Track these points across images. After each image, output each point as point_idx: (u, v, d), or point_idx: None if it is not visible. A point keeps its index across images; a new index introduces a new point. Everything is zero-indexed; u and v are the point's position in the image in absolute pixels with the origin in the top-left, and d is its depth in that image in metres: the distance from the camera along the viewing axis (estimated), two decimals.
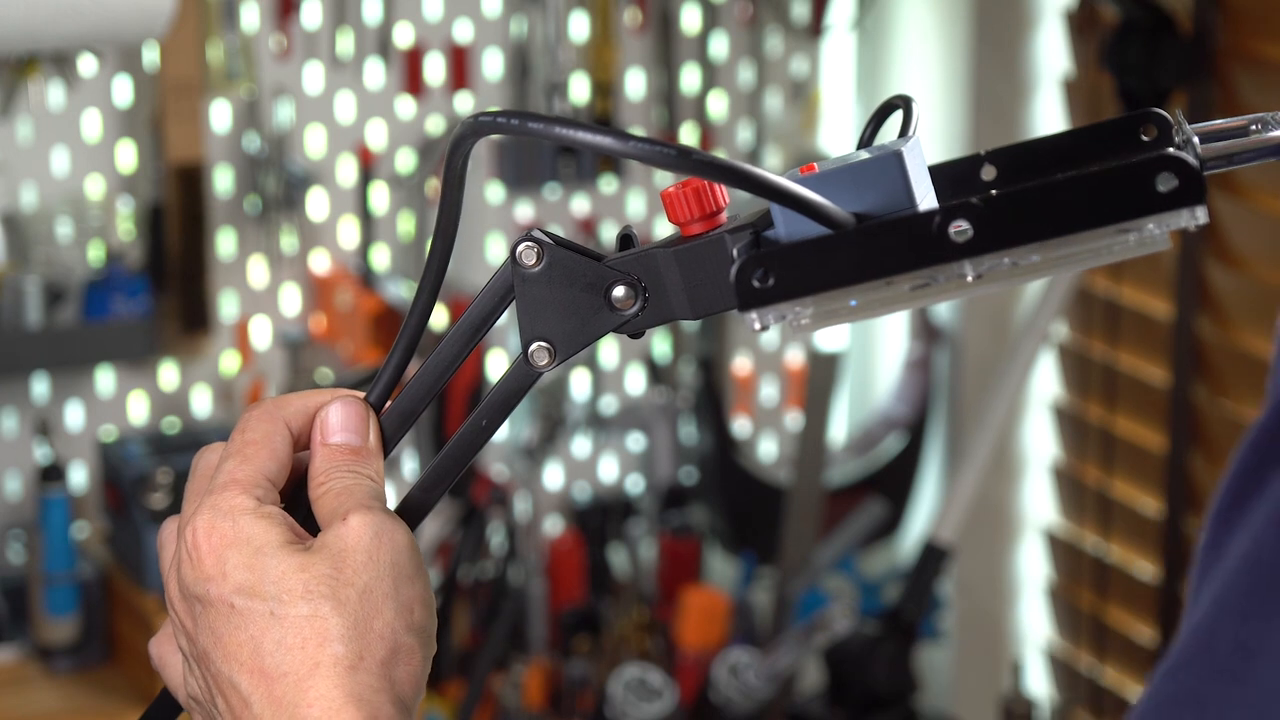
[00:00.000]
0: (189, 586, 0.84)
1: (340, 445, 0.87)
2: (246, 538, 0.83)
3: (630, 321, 0.84)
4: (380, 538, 0.84)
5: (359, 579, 0.83)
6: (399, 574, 0.84)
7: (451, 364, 0.88)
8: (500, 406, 0.87)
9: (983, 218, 0.77)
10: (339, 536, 0.84)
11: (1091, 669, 2.87)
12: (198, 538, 0.84)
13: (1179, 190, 0.75)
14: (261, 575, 0.83)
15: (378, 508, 0.85)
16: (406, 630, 0.83)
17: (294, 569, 0.83)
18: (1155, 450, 2.70)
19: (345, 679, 0.81)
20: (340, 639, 0.81)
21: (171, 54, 2.62)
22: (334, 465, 0.87)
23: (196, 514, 0.85)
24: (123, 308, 2.60)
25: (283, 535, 0.84)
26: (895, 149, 0.80)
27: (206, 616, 0.83)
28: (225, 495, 0.85)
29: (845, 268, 0.79)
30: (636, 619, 2.84)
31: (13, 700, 2.54)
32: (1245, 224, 2.53)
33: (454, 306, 2.65)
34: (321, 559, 0.83)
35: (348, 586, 0.82)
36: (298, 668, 0.81)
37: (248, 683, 0.82)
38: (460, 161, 0.82)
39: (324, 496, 0.86)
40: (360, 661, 0.81)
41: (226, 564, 0.83)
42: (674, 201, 0.83)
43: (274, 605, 0.82)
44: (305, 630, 0.82)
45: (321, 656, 0.81)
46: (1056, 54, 2.83)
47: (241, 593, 0.83)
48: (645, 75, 2.93)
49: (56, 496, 2.57)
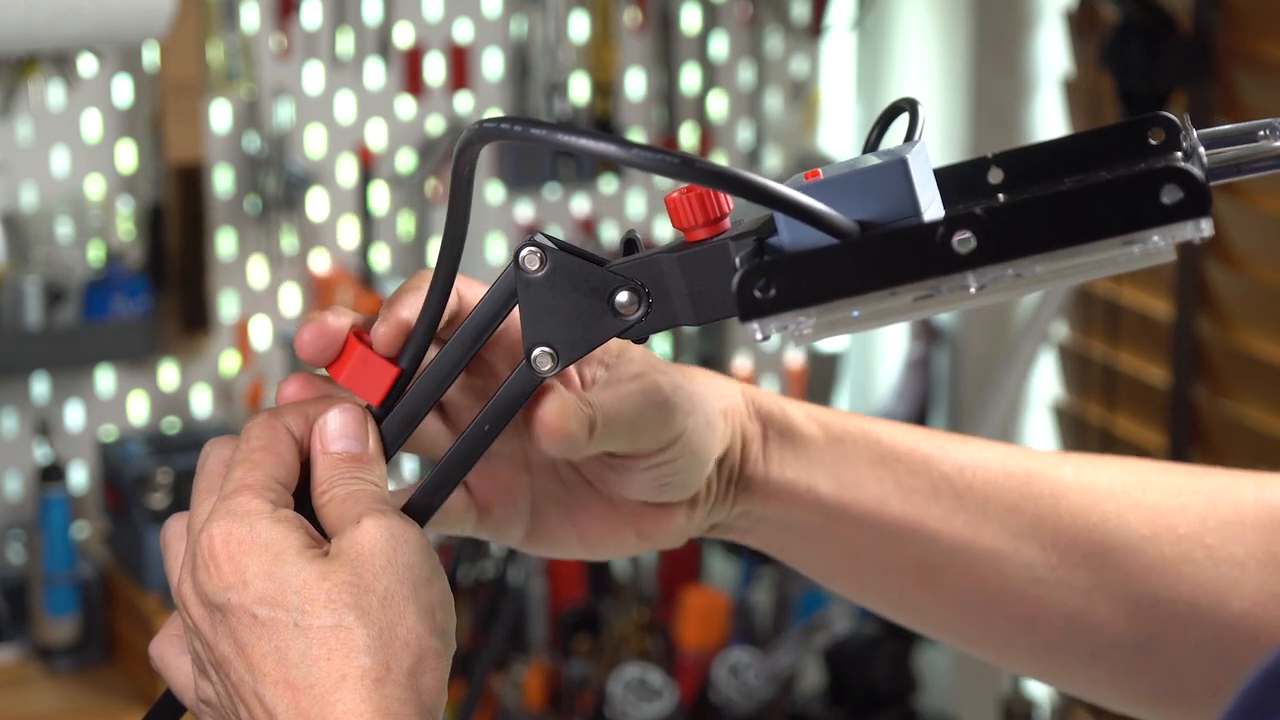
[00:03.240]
0: (208, 595, 0.83)
1: (341, 453, 0.87)
2: (265, 543, 0.83)
3: (633, 327, 0.84)
4: (395, 540, 0.83)
5: (379, 584, 0.82)
6: (417, 576, 0.83)
7: (454, 369, 0.87)
8: (503, 411, 0.87)
9: (986, 229, 0.76)
10: (354, 541, 0.83)
11: None
12: (215, 545, 0.83)
13: (1184, 202, 0.75)
14: (283, 584, 0.82)
15: (388, 511, 0.84)
16: (430, 634, 0.83)
17: (315, 577, 0.82)
18: (1155, 450, 2.70)
19: (372, 692, 0.80)
20: (366, 650, 0.81)
21: (171, 54, 2.62)
22: (336, 473, 0.86)
23: (212, 520, 0.84)
24: (123, 308, 2.60)
25: (300, 540, 0.83)
26: (900, 156, 0.79)
27: (227, 624, 0.83)
28: (239, 500, 0.84)
29: (847, 278, 0.78)
30: (636, 619, 2.84)
31: (13, 700, 2.54)
32: (1245, 224, 2.53)
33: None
34: (340, 565, 0.82)
35: (369, 593, 0.82)
36: (324, 680, 0.81)
37: (272, 694, 0.81)
38: (466, 169, 0.82)
39: (329, 504, 0.86)
40: (387, 673, 0.81)
41: (246, 571, 0.83)
42: (677, 207, 0.83)
43: (298, 616, 0.81)
44: (331, 642, 0.81)
45: (349, 669, 0.81)
46: (1056, 54, 2.83)
47: (264, 602, 0.82)
48: (645, 75, 2.92)
49: (56, 496, 2.57)
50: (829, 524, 0.98)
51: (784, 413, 0.98)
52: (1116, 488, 0.99)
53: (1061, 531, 0.98)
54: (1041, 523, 0.98)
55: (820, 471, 0.97)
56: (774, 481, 0.97)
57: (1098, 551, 0.98)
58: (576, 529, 0.96)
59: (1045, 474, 1.00)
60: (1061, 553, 0.98)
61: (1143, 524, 0.99)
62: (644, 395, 0.91)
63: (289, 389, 0.90)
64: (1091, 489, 0.99)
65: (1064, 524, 0.98)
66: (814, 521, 0.98)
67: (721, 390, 0.96)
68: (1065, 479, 0.99)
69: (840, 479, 0.98)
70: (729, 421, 0.95)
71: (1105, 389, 2.77)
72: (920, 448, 0.99)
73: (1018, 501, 0.99)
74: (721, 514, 0.98)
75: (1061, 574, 0.98)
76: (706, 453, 0.93)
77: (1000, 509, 0.98)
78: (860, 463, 0.98)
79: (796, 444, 0.97)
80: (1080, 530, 0.98)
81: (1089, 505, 0.99)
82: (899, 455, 0.98)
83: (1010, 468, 0.99)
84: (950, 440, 1.00)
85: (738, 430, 0.96)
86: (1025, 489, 0.99)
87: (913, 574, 0.99)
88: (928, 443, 1.00)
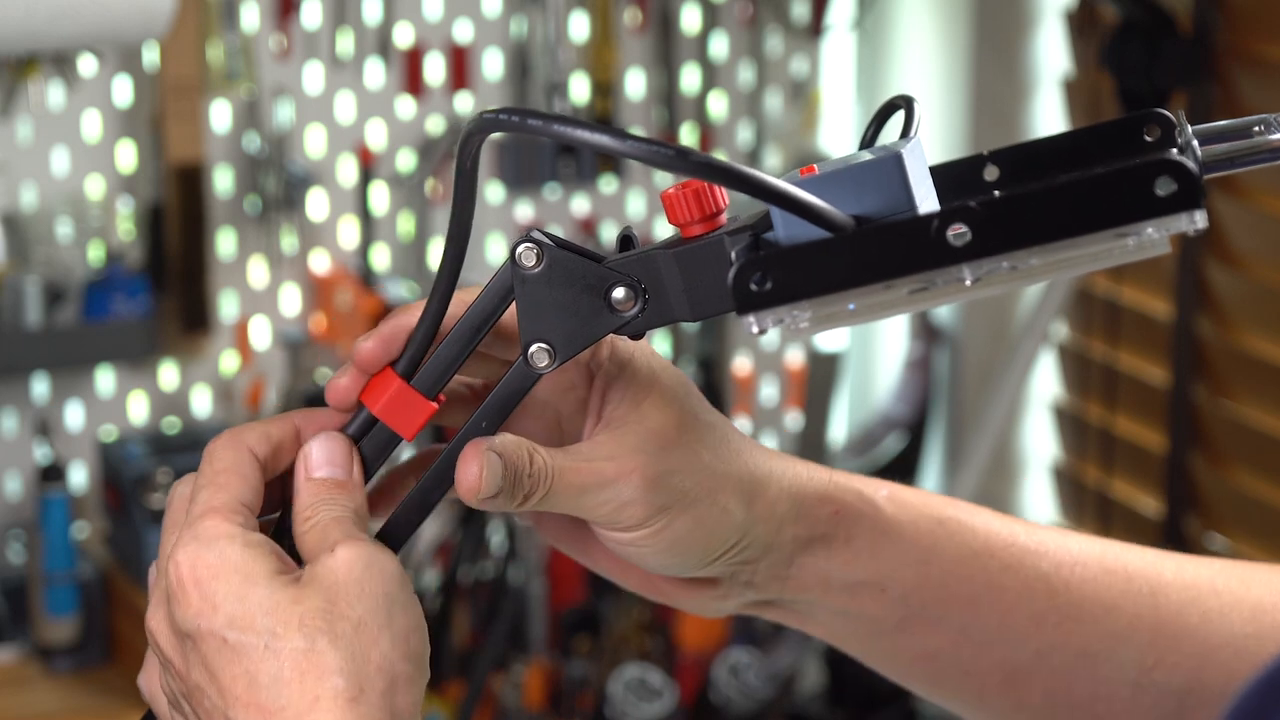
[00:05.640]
0: (178, 623, 0.82)
1: (324, 480, 0.86)
2: (234, 566, 0.82)
3: (630, 323, 0.84)
4: (370, 569, 0.82)
5: (353, 612, 0.81)
6: (392, 603, 0.82)
7: (450, 367, 0.87)
8: (500, 408, 0.87)
9: (981, 221, 0.77)
10: (329, 569, 0.82)
11: None
12: (181, 571, 0.82)
13: (1178, 195, 0.75)
14: (253, 607, 0.81)
15: (364, 539, 0.83)
16: (404, 659, 0.82)
17: (287, 601, 0.81)
18: (1155, 450, 2.70)
19: (346, 712, 0.79)
20: (339, 672, 0.80)
21: (171, 54, 2.62)
22: (319, 499, 0.85)
23: (178, 547, 0.83)
24: (123, 308, 2.60)
25: (271, 565, 0.82)
26: (895, 151, 0.80)
27: (198, 651, 0.81)
28: (206, 524, 0.83)
29: (843, 271, 0.78)
30: (636, 619, 2.84)
31: (13, 700, 2.54)
32: (1245, 224, 2.53)
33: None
34: (314, 592, 0.81)
35: (342, 620, 0.81)
36: (296, 701, 0.80)
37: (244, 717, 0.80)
38: (469, 161, 0.81)
39: (310, 531, 0.84)
40: (361, 694, 0.80)
41: (215, 596, 0.81)
42: (674, 203, 0.83)
43: (268, 639, 0.80)
44: (303, 664, 0.80)
45: (321, 690, 0.80)
46: (1056, 54, 2.83)
47: (234, 626, 0.81)
48: (645, 75, 2.93)
49: (56, 496, 2.57)
50: (905, 622, 0.93)
51: (865, 499, 0.92)
52: (1218, 584, 0.95)
53: (1161, 631, 0.94)
54: (1140, 622, 0.93)
55: (901, 566, 0.92)
56: (839, 576, 0.92)
57: (1199, 651, 0.93)
58: (590, 560, 0.94)
59: (1145, 571, 0.95)
60: (1159, 654, 0.93)
61: (1246, 622, 0.94)
62: (617, 474, 0.87)
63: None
64: (1193, 586, 0.94)
65: (1163, 623, 0.94)
66: (887, 618, 0.93)
67: (773, 479, 0.91)
68: (1165, 576, 0.95)
69: (925, 575, 0.93)
70: (765, 515, 0.90)
71: (1105, 389, 2.77)
72: (1018, 542, 0.94)
73: (1116, 600, 0.94)
74: (771, 593, 0.93)
75: (1158, 676, 0.93)
76: (698, 545, 0.89)
77: (1097, 609, 0.94)
78: (949, 558, 0.93)
79: (877, 535, 0.92)
80: (1180, 629, 0.94)
81: (1190, 603, 0.94)
82: (993, 550, 0.93)
83: (1109, 564, 0.94)
84: (1048, 534, 0.95)
85: (784, 522, 0.91)
86: (1125, 587, 0.94)
87: (995, 676, 0.94)
88: (1026, 536, 0.94)
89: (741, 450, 0.90)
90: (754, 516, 0.90)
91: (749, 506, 0.90)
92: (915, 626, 0.93)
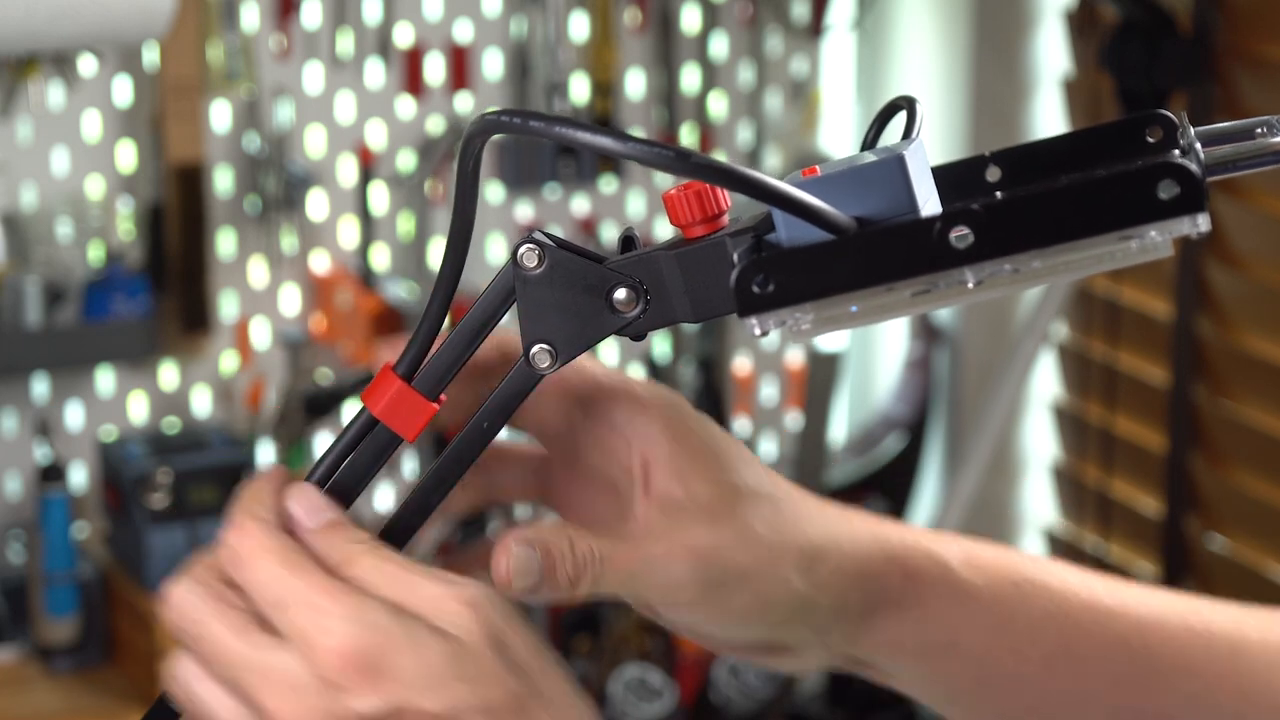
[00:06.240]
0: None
1: (324, 525, 0.83)
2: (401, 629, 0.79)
3: (632, 324, 0.84)
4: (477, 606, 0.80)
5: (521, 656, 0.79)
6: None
7: (452, 367, 0.87)
8: (501, 409, 0.87)
9: (983, 224, 0.76)
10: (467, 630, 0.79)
11: None
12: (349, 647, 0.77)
13: (1181, 198, 0.75)
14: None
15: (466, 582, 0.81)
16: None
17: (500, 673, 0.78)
18: (1155, 450, 2.70)
19: None
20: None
21: (171, 54, 2.61)
22: (339, 546, 0.82)
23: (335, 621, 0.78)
24: (123, 308, 2.60)
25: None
26: (898, 152, 0.79)
27: None
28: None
29: (845, 273, 0.78)
30: (636, 619, 2.84)
31: (13, 700, 2.54)
32: (1245, 224, 2.53)
33: (455, 308, 2.65)
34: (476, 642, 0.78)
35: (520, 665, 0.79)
36: None
37: None
38: (471, 162, 0.81)
39: (368, 573, 0.81)
40: None
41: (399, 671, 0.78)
42: (675, 204, 0.83)
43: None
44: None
45: None
46: (1056, 54, 2.83)
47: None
48: (645, 75, 2.92)
49: (56, 496, 2.57)
50: (978, 684, 0.92)
51: (936, 560, 0.90)
52: None
53: (1243, 694, 0.91)
54: (1222, 684, 0.91)
55: (975, 631, 0.90)
56: (911, 640, 0.90)
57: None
58: (666, 623, 0.91)
59: (1228, 630, 0.92)
60: (1240, 716, 0.91)
61: None
62: (666, 555, 0.85)
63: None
64: (1276, 647, 0.92)
65: (1245, 685, 0.91)
66: (961, 677, 0.91)
67: (833, 544, 0.88)
68: (1250, 636, 0.92)
69: (998, 638, 0.90)
70: (827, 583, 0.88)
71: (1105, 389, 2.77)
72: (1099, 602, 0.91)
73: (1198, 662, 0.91)
74: (847, 654, 0.91)
75: None
76: (757, 618, 0.87)
77: (1178, 671, 0.91)
78: (1024, 621, 0.90)
79: (949, 599, 0.90)
80: (1263, 691, 0.91)
81: (1274, 664, 0.92)
82: (1070, 611, 0.91)
83: (1192, 623, 0.92)
84: (1130, 592, 0.92)
85: (850, 588, 0.88)
86: (1208, 648, 0.92)
87: None
88: (1106, 596, 0.92)
89: (798, 516, 0.87)
90: (816, 585, 0.87)
91: (810, 575, 0.87)
92: (991, 688, 0.92)
